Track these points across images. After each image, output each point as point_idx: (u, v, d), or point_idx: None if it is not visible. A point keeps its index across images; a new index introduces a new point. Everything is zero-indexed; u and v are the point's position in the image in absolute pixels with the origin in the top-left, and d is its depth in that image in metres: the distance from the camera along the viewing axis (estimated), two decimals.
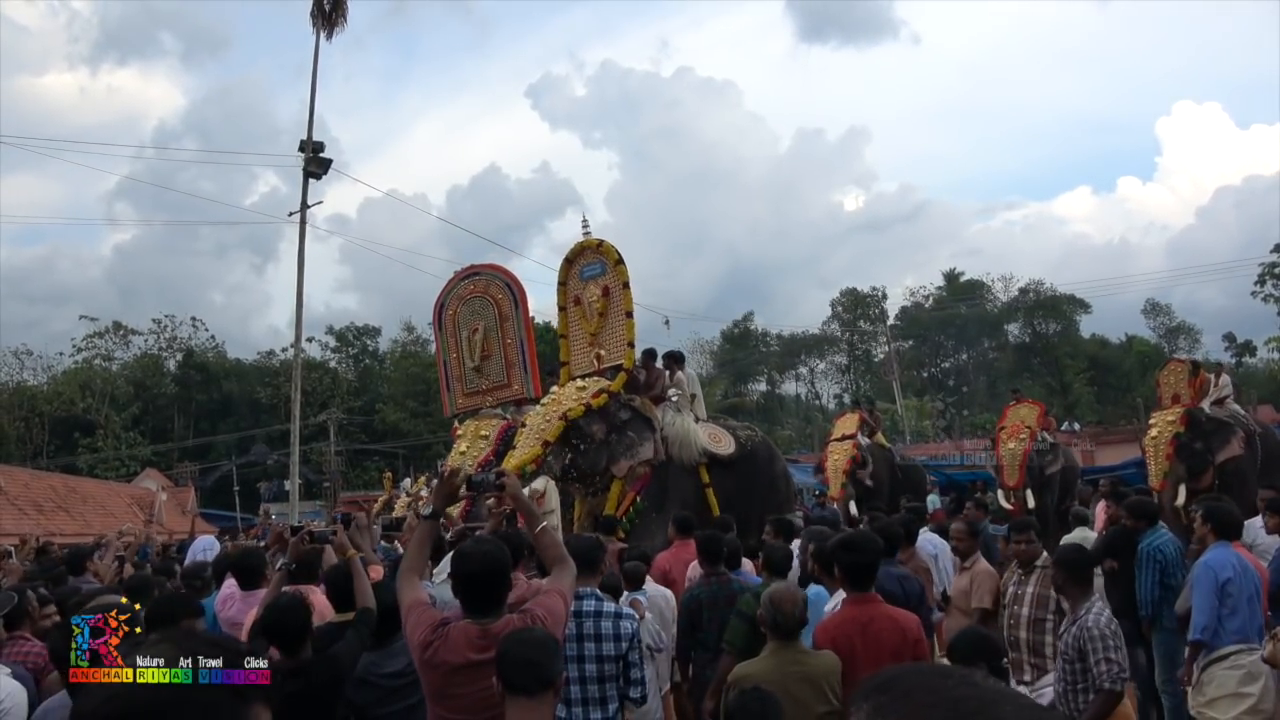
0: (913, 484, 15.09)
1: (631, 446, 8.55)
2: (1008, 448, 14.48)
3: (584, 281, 9.86)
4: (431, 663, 2.84)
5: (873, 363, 60.30)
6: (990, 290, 59.82)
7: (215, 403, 47.18)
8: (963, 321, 57.90)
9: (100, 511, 20.68)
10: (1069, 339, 55.62)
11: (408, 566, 3.18)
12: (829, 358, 63.20)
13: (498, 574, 2.95)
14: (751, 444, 9.84)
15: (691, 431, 9.18)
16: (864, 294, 61.43)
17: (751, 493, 9.30)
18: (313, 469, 37.12)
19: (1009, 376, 53.27)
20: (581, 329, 9.80)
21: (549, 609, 2.97)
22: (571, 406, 8.47)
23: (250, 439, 41.45)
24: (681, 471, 8.99)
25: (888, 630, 3.69)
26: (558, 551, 3.27)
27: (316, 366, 46.68)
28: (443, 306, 12.07)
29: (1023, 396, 16.86)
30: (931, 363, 61.78)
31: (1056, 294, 55.57)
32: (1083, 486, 14.63)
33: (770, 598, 3.67)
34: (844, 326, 61.42)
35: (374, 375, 51.03)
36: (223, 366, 49.53)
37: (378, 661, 3.57)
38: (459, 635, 2.85)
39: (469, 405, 11.92)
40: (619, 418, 8.66)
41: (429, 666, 2.85)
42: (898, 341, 56.18)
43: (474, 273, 12.11)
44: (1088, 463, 20.75)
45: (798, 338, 61.47)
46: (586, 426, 8.45)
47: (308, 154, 20.48)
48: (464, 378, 11.89)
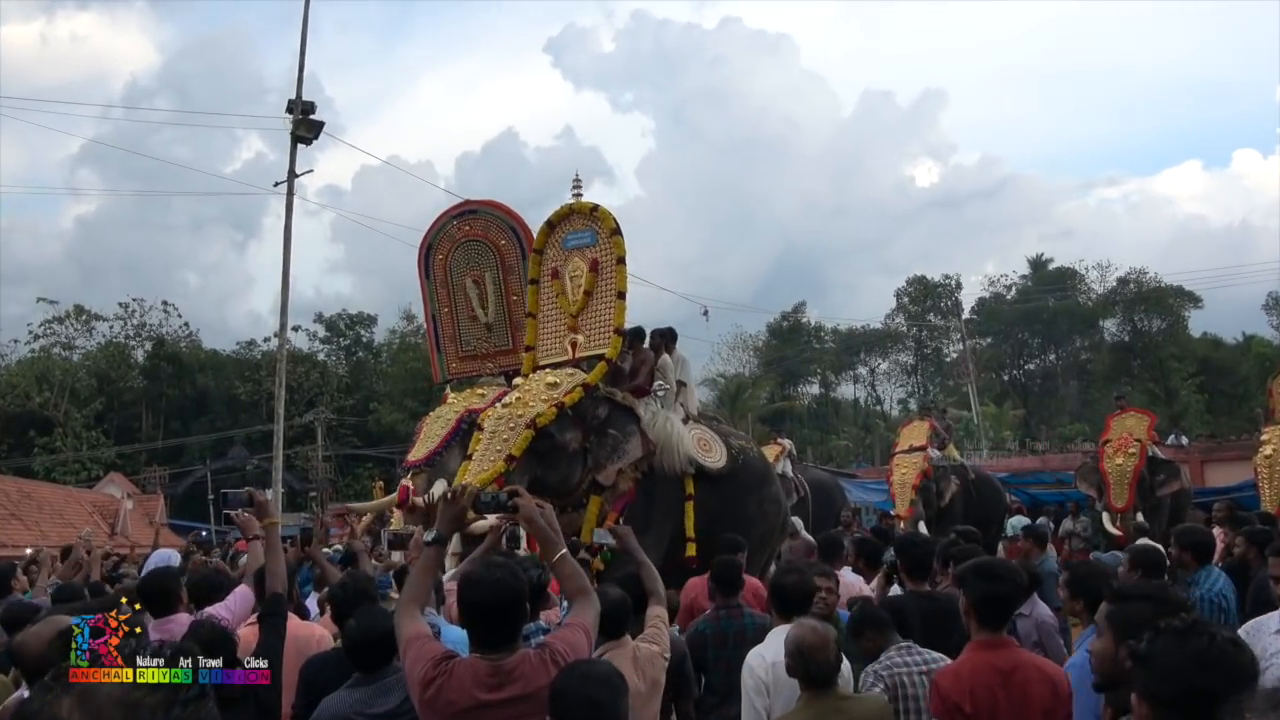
0: (989, 504, 15.00)
1: (616, 447, 8.19)
2: (1114, 464, 14.40)
3: (567, 251, 9.39)
4: (434, 703, 2.85)
5: (944, 363, 59.89)
6: (1084, 280, 59.20)
7: (188, 399, 47.80)
8: (1050, 316, 57.24)
9: (58, 521, 21.01)
10: (1175, 338, 54.81)
11: (409, 596, 3.22)
12: (893, 356, 62.84)
13: (511, 603, 2.96)
14: (744, 458, 9.41)
15: (677, 434, 8.78)
16: (935, 283, 61.03)
17: (736, 517, 8.87)
18: (298, 476, 37.51)
19: (1104, 381, 52.71)
20: (558, 308, 9.36)
21: (571, 644, 2.98)
22: (541, 410, 8.01)
23: (227, 441, 41.99)
24: (667, 482, 8.69)
25: (1036, 682, 3.44)
26: (580, 583, 3.28)
27: (303, 359, 47.14)
28: (430, 249, 11.45)
29: (1129, 405, 16.84)
30: (1013, 364, 61.21)
31: (1161, 285, 54.78)
32: (1193, 511, 14.50)
33: (798, 645, 3.61)
34: (911, 320, 61.00)
35: (369, 370, 51.44)
36: (197, 358, 50.16)
37: (366, 699, 3.55)
38: (466, 672, 2.86)
39: (465, 371, 11.43)
40: (596, 416, 8.28)
41: (430, 707, 2.86)
42: (974, 339, 55.73)
43: (469, 210, 11.50)
44: (1197, 483, 20.45)
45: (857, 333, 61.16)
46: (559, 435, 8.00)
47: (296, 115, 20.57)
48: (458, 336, 11.39)
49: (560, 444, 8.03)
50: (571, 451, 8.10)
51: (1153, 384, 51.87)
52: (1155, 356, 53.57)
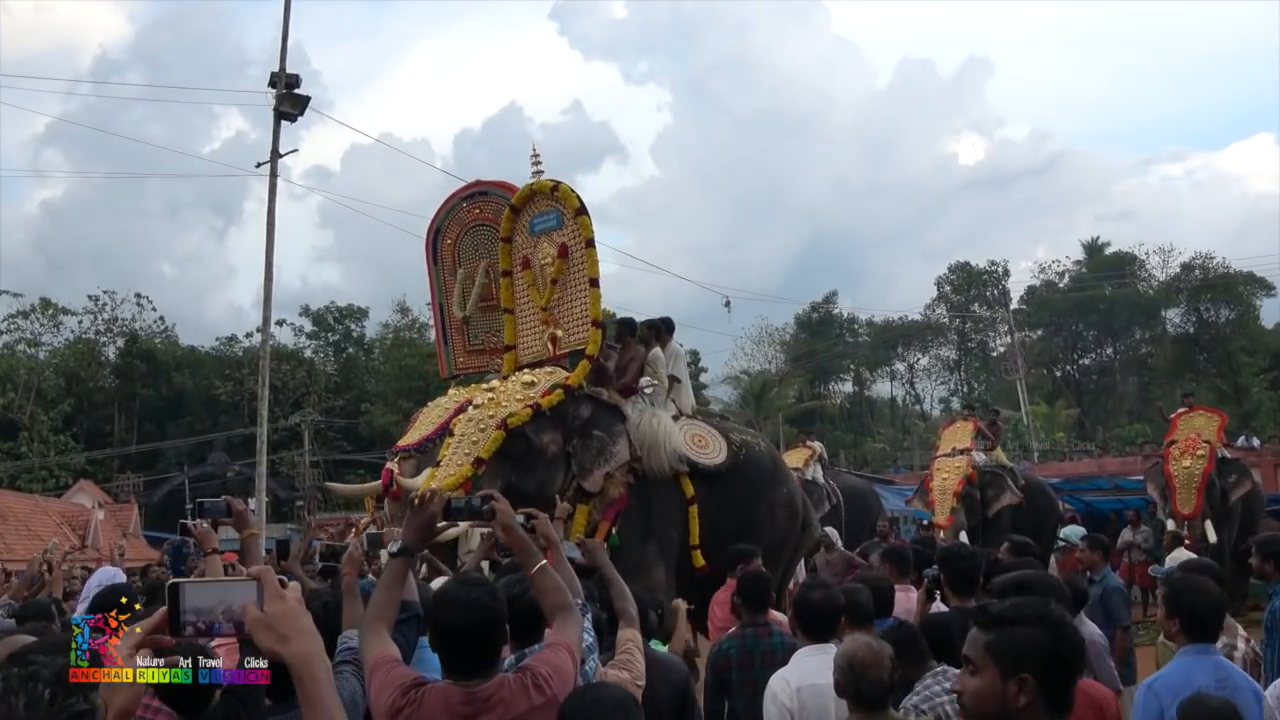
0: (1041, 513, 14.94)
1: (603, 449, 8.14)
2: (1181, 466, 14.39)
3: (535, 237, 9.41)
4: None
5: (990, 358, 59.69)
6: (1144, 266, 58.89)
7: (164, 400, 48.06)
8: (1107, 306, 57.02)
9: (23, 532, 21.13)
10: (1245, 329, 54.41)
11: (374, 615, 3.17)
12: (934, 351, 62.75)
13: (488, 625, 2.95)
14: (747, 453, 9.26)
15: (664, 430, 8.67)
16: (980, 270, 60.84)
17: (739, 522, 8.79)
18: (283, 484, 37.64)
19: (1166, 378, 52.41)
20: (532, 301, 9.40)
21: (554, 666, 2.97)
22: (514, 410, 8.02)
23: (206, 445, 42.18)
24: (663, 485, 8.61)
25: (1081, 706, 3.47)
26: (562, 598, 3.26)
27: (289, 356, 47.41)
28: (438, 232, 11.54)
29: (1196, 403, 16.91)
30: (1066, 358, 61.04)
31: (1230, 271, 54.38)
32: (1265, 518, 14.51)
33: (850, 662, 3.59)
34: (954, 311, 60.89)
35: (359, 368, 51.68)
36: (173, 355, 50.43)
37: None
38: (437, 700, 2.85)
39: (473, 366, 11.47)
40: (578, 417, 8.27)
41: None
42: (1022, 331, 55.50)
43: (479, 191, 11.54)
44: (1270, 489, 20.31)
45: (894, 325, 61.04)
46: (535, 437, 8.01)
47: (280, 90, 20.60)
48: (466, 329, 11.41)
49: (537, 447, 8.01)
50: (550, 455, 8.07)
51: (1220, 380, 51.57)
52: (1223, 350, 53.19)
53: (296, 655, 1.69)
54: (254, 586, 1.71)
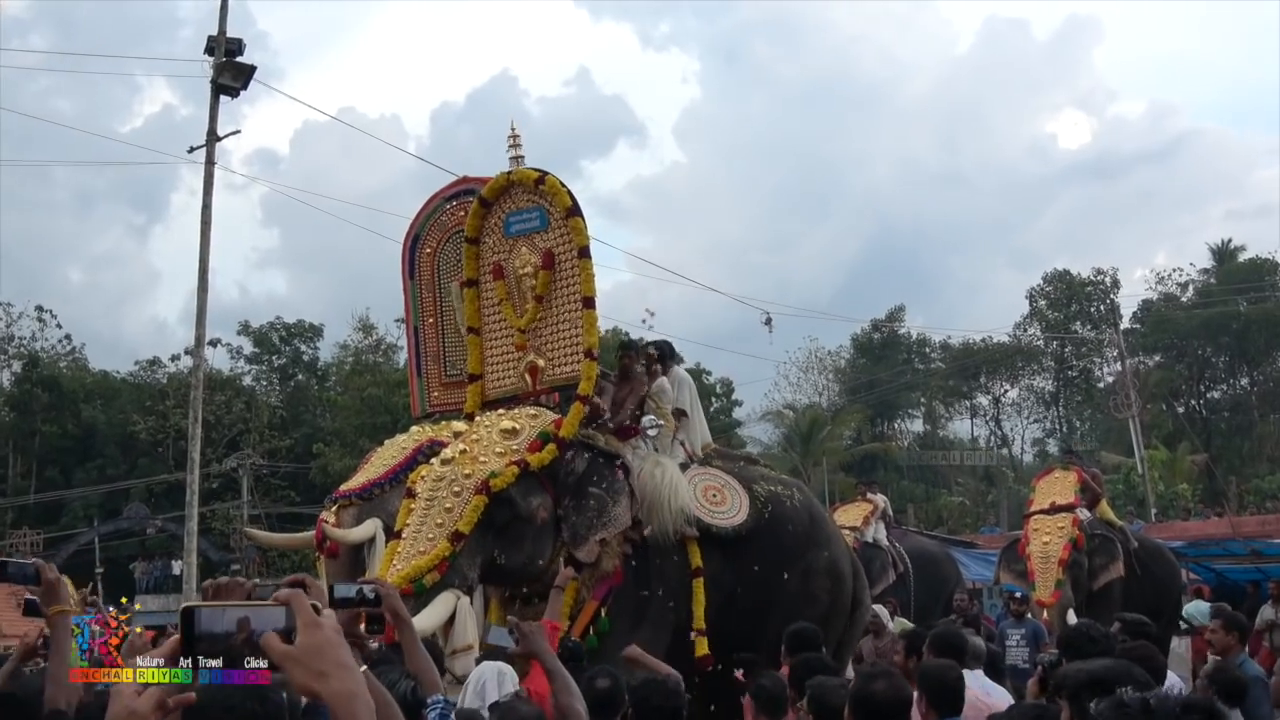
0: (1159, 585, 14.91)
1: (601, 512, 7.99)
2: None
3: (511, 239, 9.35)
4: None
5: (1095, 390, 59.43)
6: None
7: (70, 438, 48.11)
8: (1242, 325, 56.79)
9: None
10: None
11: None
12: (1025, 381, 62.57)
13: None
14: (774, 511, 9.09)
15: (669, 484, 8.45)
16: (1084, 280, 60.83)
17: (764, 597, 8.75)
18: (215, 543, 37.69)
19: None
20: (505, 320, 9.32)
21: None
22: (496, 469, 7.87)
23: (121, 495, 42.24)
24: (664, 553, 8.46)
25: None
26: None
27: (225, 384, 47.45)
28: (417, 239, 11.66)
29: None
30: (1191, 391, 60.72)
31: None
32: None
33: None
34: (1050, 332, 60.76)
35: (311, 399, 51.67)
36: (82, 382, 50.49)
37: None
38: None
39: (449, 402, 11.45)
40: (572, 472, 8.19)
41: None
42: (1137, 357, 55.36)
43: (467, 189, 11.55)
44: None
45: (975, 348, 60.93)
46: (522, 501, 7.91)
47: (219, 59, 20.84)
48: (443, 356, 11.50)
49: (525, 514, 7.95)
50: (540, 523, 8.01)
51: None
52: None
53: (337, 695, 1.76)
54: (282, 612, 1.79)
